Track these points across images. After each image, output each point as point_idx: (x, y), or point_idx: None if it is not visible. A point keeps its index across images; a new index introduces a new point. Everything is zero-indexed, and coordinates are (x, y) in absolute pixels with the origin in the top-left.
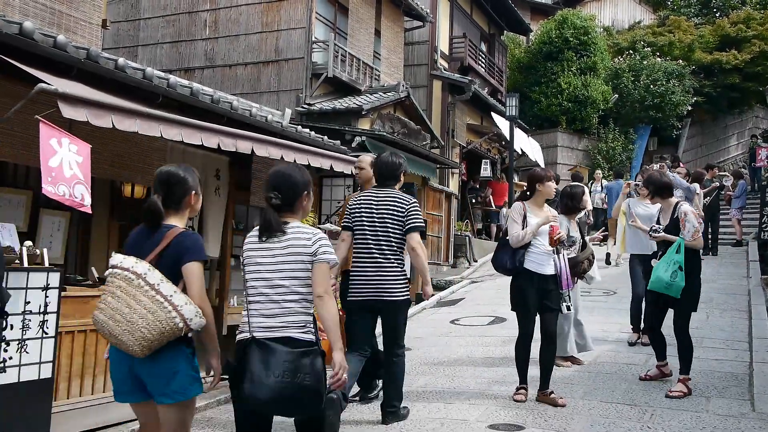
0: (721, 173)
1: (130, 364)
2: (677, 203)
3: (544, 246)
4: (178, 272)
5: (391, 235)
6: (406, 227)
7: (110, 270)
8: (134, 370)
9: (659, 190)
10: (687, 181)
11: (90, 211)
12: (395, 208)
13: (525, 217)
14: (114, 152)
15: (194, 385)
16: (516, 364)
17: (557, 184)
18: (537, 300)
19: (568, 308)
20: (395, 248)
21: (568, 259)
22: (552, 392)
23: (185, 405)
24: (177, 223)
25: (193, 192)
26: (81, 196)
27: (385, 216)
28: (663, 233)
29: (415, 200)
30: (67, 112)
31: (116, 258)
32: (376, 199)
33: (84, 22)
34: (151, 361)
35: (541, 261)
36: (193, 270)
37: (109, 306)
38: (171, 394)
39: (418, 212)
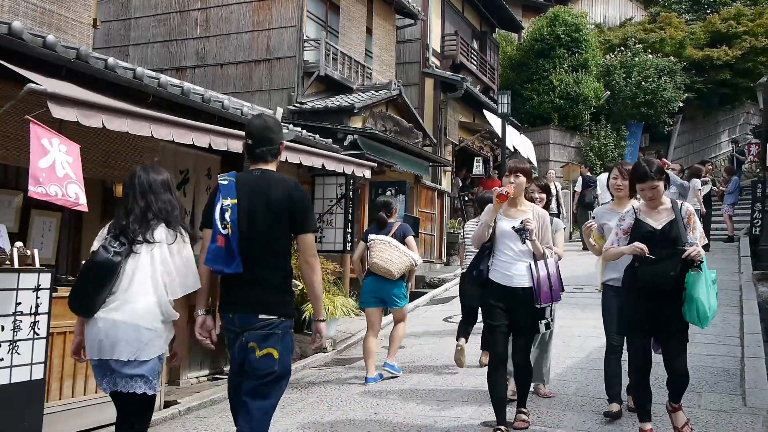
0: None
1: (378, 287)
2: (678, 203)
3: (512, 252)
4: (403, 242)
5: None
6: None
7: (372, 241)
8: (379, 291)
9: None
10: (680, 177)
11: (86, 209)
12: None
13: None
14: (105, 152)
15: (406, 299)
16: (490, 398)
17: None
18: (506, 318)
19: (547, 326)
20: None
21: None
22: (529, 414)
23: (403, 307)
24: (393, 220)
25: (396, 207)
26: (75, 195)
27: None
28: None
29: None
30: (57, 112)
31: (371, 237)
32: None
33: (75, 22)
34: (391, 286)
35: (508, 270)
36: (412, 239)
37: (381, 255)
38: (398, 303)
39: None
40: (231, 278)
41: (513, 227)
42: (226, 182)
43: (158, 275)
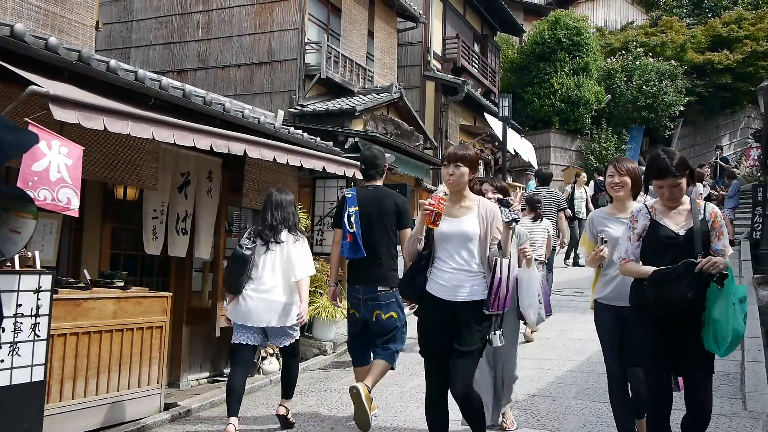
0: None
1: None
2: (702, 203)
3: (454, 260)
4: None
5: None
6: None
7: None
8: None
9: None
10: None
11: (77, 214)
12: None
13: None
14: (106, 154)
15: None
16: None
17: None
18: (444, 339)
19: (486, 341)
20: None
21: None
22: None
23: None
24: None
25: None
26: (67, 199)
27: (551, 203)
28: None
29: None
30: (58, 114)
31: None
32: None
33: (77, 24)
34: None
35: (448, 281)
36: None
37: None
38: None
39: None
40: (357, 262)
41: (501, 200)
42: (350, 195)
43: (287, 265)
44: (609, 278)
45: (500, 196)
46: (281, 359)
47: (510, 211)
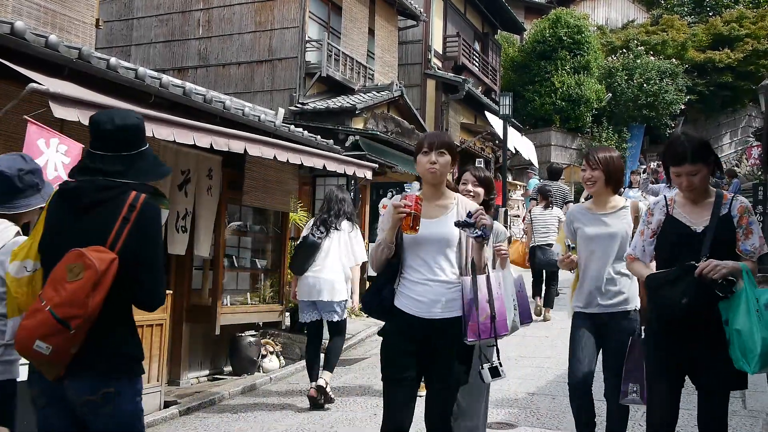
0: None
1: None
2: (729, 195)
3: (429, 268)
4: None
5: None
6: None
7: None
8: None
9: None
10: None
11: None
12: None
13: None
14: None
15: None
16: None
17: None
18: (415, 366)
19: (494, 372)
20: None
21: None
22: None
23: None
24: None
25: None
26: None
27: (557, 196)
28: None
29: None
30: (58, 112)
31: None
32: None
33: (78, 22)
34: None
35: (422, 295)
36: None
37: None
38: None
39: None
40: None
41: (458, 222)
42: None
43: (342, 251)
44: (580, 283)
45: (482, 190)
46: (328, 336)
47: (472, 230)
